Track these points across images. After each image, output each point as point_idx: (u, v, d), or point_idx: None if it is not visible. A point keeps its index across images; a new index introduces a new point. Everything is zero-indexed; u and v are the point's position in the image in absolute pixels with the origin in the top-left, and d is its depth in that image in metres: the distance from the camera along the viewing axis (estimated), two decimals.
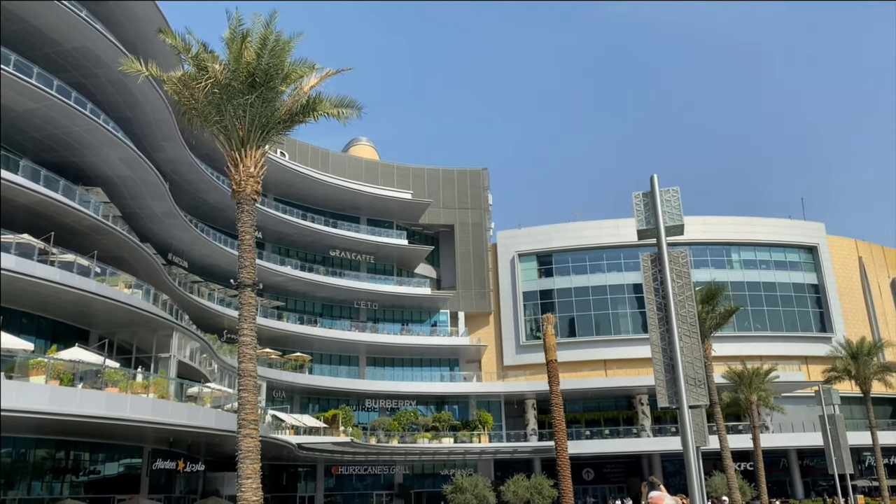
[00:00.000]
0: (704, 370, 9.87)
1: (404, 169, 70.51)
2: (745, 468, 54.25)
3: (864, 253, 78.53)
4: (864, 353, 53.41)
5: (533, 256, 72.05)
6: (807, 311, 70.95)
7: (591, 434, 61.34)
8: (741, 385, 46.93)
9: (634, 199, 10.84)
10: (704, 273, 65.24)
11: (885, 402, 69.34)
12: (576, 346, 66.51)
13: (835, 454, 25.97)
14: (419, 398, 64.07)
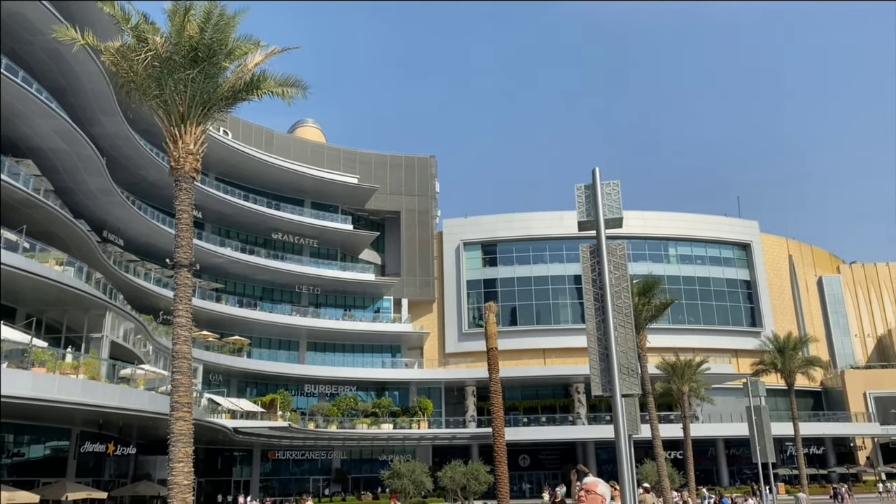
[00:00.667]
0: (638, 360, 10.11)
1: (351, 153, 69.84)
2: (675, 456, 56.02)
3: (794, 251, 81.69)
4: (790, 348, 55.65)
5: (478, 245, 72.47)
6: (738, 306, 73.46)
7: (529, 421, 62.34)
8: (674, 376, 48.28)
9: (576, 192, 10.98)
10: (642, 266, 66.78)
11: (808, 395, 72.59)
12: (517, 335, 67.34)
13: (759, 444, 27.05)
14: (360, 384, 63.92)
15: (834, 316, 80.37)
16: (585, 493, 5.06)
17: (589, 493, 5.04)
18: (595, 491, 5.04)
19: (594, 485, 5.09)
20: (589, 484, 5.11)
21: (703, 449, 62.53)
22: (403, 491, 39.46)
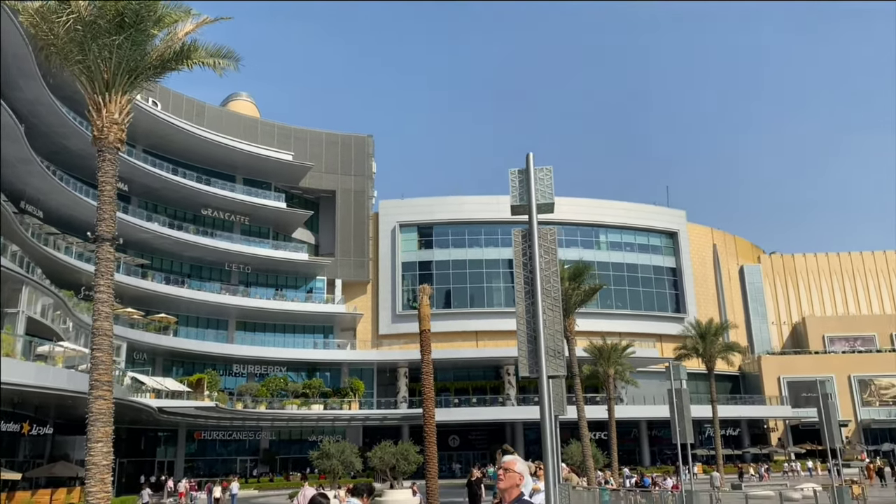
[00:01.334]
0: (564, 343, 10.32)
1: (286, 129, 68.48)
2: (600, 437, 57.63)
3: (719, 241, 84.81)
4: (712, 334, 57.99)
5: (414, 228, 72.39)
6: (664, 292, 75.89)
7: (460, 402, 63.01)
8: (600, 359, 49.59)
9: (510, 176, 11.05)
10: (574, 252, 68.07)
11: (727, 379, 75.77)
12: (450, 318, 67.79)
13: (679, 425, 28.08)
14: (291, 365, 63.23)
15: (753, 304, 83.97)
16: (504, 471, 5.11)
17: (507, 472, 5.09)
18: (513, 469, 5.08)
19: (512, 463, 5.14)
20: (507, 462, 5.17)
21: (626, 430, 64.56)
22: (332, 471, 39.34)
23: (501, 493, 5.06)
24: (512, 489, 5.03)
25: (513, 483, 5.05)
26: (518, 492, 5.06)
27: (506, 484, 5.05)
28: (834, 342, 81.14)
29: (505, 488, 5.04)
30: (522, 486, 8.94)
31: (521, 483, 5.10)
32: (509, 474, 5.03)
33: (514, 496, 5.02)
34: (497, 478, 5.13)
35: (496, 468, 5.22)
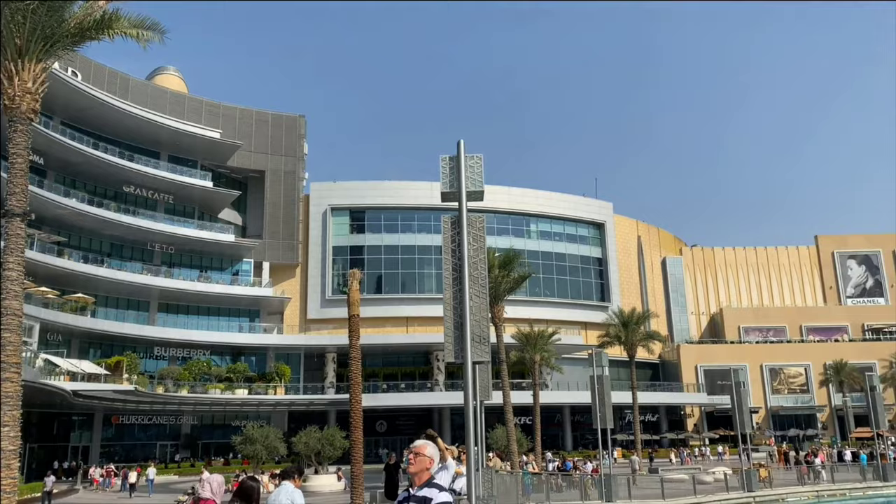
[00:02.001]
0: (491, 329, 10.44)
1: (214, 106, 66.50)
2: (525, 422, 58.80)
3: (643, 233, 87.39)
4: (634, 322, 59.86)
5: (346, 211, 71.66)
6: (590, 281, 77.78)
7: (388, 388, 63.03)
8: (527, 346, 50.47)
9: (441, 163, 11.04)
10: (505, 240, 68.83)
11: (647, 367, 78.38)
12: (381, 303, 67.60)
13: (600, 411, 28.93)
14: (215, 348, 61.82)
15: (674, 294, 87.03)
16: (414, 455, 5.12)
17: (417, 456, 5.11)
18: (423, 453, 5.10)
19: (422, 447, 5.15)
20: (417, 447, 5.17)
21: (550, 415, 65.99)
22: (256, 456, 38.84)
23: (412, 476, 5.08)
24: (422, 473, 5.05)
25: (423, 467, 5.07)
26: (428, 475, 5.07)
27: (416, 468, 5.07)
28: (748, 332, 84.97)
29: (415, 472, 5.06)
30: (442, 470, 9.03)
31: (431, 466, 5.12)
32: (419, 458, 5.05)
33: (425, 479, 5.03)
34: (408, 463, 5.13)
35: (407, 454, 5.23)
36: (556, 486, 29.91)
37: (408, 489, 5.14)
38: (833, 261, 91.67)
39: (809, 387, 78.58)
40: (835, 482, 37.23)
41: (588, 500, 28.05)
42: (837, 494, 35.97)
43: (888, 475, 37.93)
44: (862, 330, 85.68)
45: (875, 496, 36.45)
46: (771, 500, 33.59)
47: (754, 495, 32.83)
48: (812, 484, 36.81)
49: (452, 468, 11.64)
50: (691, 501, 30.91)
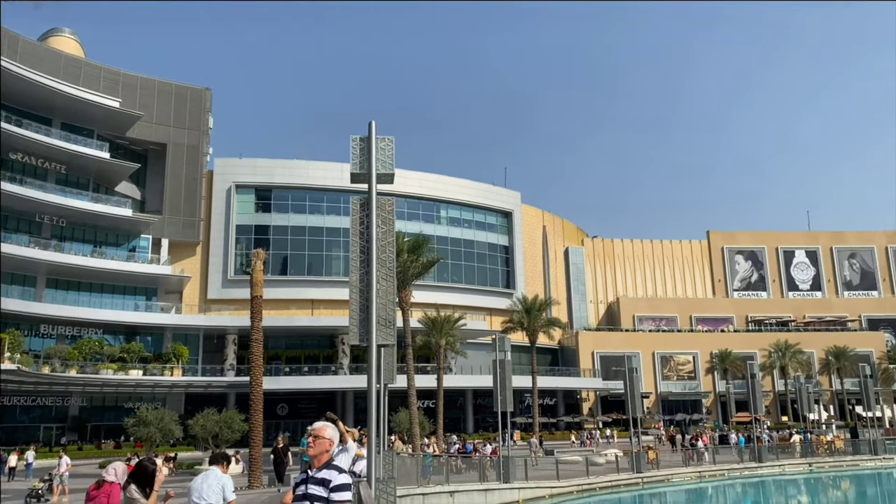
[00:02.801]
0: (398, 313, 10.48)
1: (114, 73, 63.05)
2: (428, 406, 59.40)
3: (548, 223, 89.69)
4: (536, 309, 61.46)
5: (252, 189, 69.74)
6: (496, 269, 79.23)
7: (291, 371, 62.12)
8: (433, 330, 50.95)
9: (352, 143, 10.97)
10: (415, 225, 69.03)
11: (547, 352, 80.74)
12: (286, 285, 66.39)
13: (501, 395, 29.63)
14: (108, 327, 58.98)
15: (575, 283, 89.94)
16: (313, 438, 5.14)
17: (317, 439, 5.13)
18: (323, 435, 5.14)
19: (322, 430, 5.18)
20: (317, 429, 5.19)
21: (453, 399, 66.95)
22: (150, 439, 37.45)
23: (312, 459, 5.09)
24: (322, 455, 5.08)
25: (322, 449, 5.10)
26: (328, 457, 5.11)
27: (316, 451, 5.09)
28: (642, 321, 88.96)
29: (315, 455, 5.08)
30: (342, 452, 9.04)
31: (330, 448, 5.16)
32: (319, 441, 5.09)
33: (324, 461, 5.07)
34: (307, 445, 5.15)
35: (307, 437, 5.24)
36: (456, 468, 30.43)
37: (306, 471, 5.14)
38: (722, 256, 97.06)
39: (696, 374, 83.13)
40: (716, 463, 39.71)
41: (487, 481, 28.70)
42: (718, 475, 38.40)
43: (763, 457, 40.78)
44: (746, 321, 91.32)
45: (751, 476, 39.14)
46: (657, 480, 35.45)
47: (642, 476, 34.54)
48: (695, 465, 39.12)
49: (352, 451, 11.68)
50: (584, 481, 32.21)
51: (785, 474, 40.71)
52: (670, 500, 34.05)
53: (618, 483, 33.38)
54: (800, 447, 45.22)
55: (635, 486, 33.80)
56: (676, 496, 34.65)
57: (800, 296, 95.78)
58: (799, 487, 38.92)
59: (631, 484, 33.77)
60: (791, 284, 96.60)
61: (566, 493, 30.70)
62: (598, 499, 31.61)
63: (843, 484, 40.06)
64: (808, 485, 39.64)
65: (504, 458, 29.11)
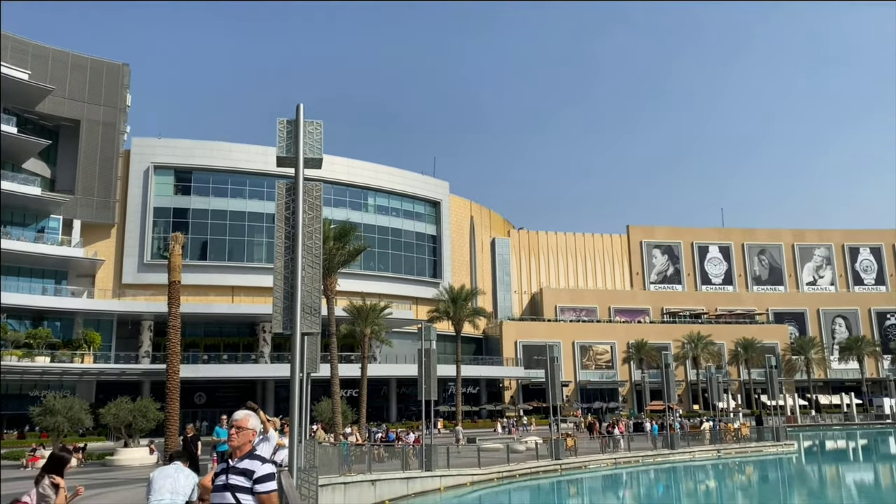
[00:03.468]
0: (323, 301, 10.29)
1: (22, 43, 59.47)
2: (352, 395, 59.07)
3: (476, 214, 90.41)
4: (462, 299, 61.89)
5: (171, 171, 67.30)
6: (424, 258, 79.33)
7: (210, 359, 60.59)
8: (359, 319, 50.61)
9: (279, 126, 10.69)
10: (342, 212, 68.29)
11: (472, 341, 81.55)
12: (206, 270, 64.54)
13: (426, 383, 29.71)
14: (12, 311, 55.74)
15: (500, 273, 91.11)
16: (237, 430, 5.03)
17: (241, 430, 5.03)
18: (246, 426, 5.04)
19: (245, 420, 5.07)
20: (240, 420, 5.06)
21: (377, 388, 66.79)
22: (57, 429, 35.73)
23: (234, 450, 5.00)
24: (245, 445, 5.01)
25: (246, 440, 5.03)
26: (250, 447, 5.05)
27: (240, 441, 5.02)
28: (564, 311, 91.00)
29: (239, 445, 5.00)
30: (263, 441, 8.82)
31: (253, 439, 5.09)
32: (243, 432, 5.01)
33: (246, 451, 5.00)
34: (229, 436, 5.03)
35: (227, 426, 5.10)
36: (378, 456, 30.38)
37: (227, 461, 5.03)
38: (641, 249, 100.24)
39: (614, 363, 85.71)
40: (631, 450, 41.09)
41: (409, 469, 28.78)
42: (632, 461, 39.74)
43: (675, 444, 42.45)
44: (661, 313, 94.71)
45: (663, 462, 40.69)
46: (575, 466, 36.41)
47: (561, 463, 35.41)
48: (611, 452, 40.38)
49: (274, 440, 11.46)
50: (505, 469, 32.74)
51: (695, 460, 42.51)
52: (587, 486, 35.02)
53: (537, 470, 34.10)
54: (709, 434, 47.30)
55: (554, 473, 34.60)
56: (593, 482, 35.67)
57: (712, 289, 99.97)
58: (707, 473, 40.71)
59: (550, 471, 34.55)
60: (704, 278, 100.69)
61: (487, 480, 31.15)
62: (518, 485, 32.22)
63: (748, 469, 42.15)
64: (716, 470, 41.53)
65: (427, 447, 29.24)
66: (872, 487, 37.58)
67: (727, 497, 33.39)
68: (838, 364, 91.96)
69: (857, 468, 47.26)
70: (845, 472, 44.02)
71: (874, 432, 70.03)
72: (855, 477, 41.58)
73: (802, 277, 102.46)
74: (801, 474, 42.45)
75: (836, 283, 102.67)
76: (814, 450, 57.87)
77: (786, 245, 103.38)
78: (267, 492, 4.78)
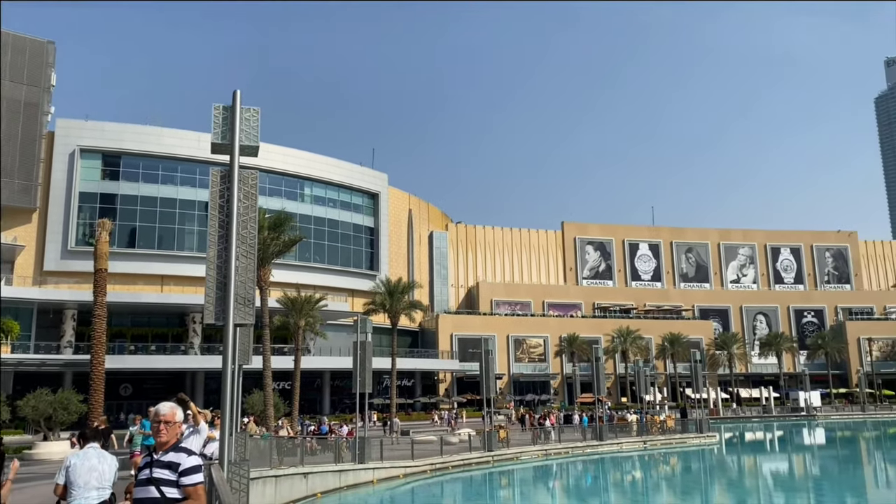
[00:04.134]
0: (256, 292, 10.12)
1: None
2: (284, 387, 58.28)
3: (414, 207, 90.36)
4: (399, 292, 61.78)
5: (98, 155, 64.81)
6: (361, 250, 78.84)
7: (137, 349, 58.79)
8: (293, 310, 49.91)
9: (214, 111, 10.43)
10: (278, 202, 67.12)
11: (408, 334, 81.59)
12: (134, 258, 62.51)
13: (360, 376, 29.61)
14: None
15: (438, 267, 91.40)
16: (165, 424, 4.94)
17: (169, 424, 4.96)
18: (174, 420, 4.99)
19: (172, 414, 5.00)
20: (167, 415, 4.97)
21: (311, 380, 66.06)
22: None
23: (162, 445, 4.92)
24: (172, 439, 4.95)
25: (174, 433, 5.00)
26: (175, 439, 4.99)
27: (168, 436, 4.97)
28: (499, 305, 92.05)
29: (166, 441, 4.92)
30: (194, 434, 8.69)
31: (180, 432, 5.03)
32: (171, 426, 4.96)
33: (172, 443, 4.93)
34: (155, 429, 4.94)
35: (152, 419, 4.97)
36: (311, 449, 30.12)
37: (151, 454, 4.95)
38: (575, 245, 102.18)
39: (546, 356, 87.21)
40: (561, 442, 41.96)
41: (342, 462, 28.64)
42: (563, 453, 40.60)
43: (603, 436, 43.56)
44: (593, 308, 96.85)
45: (592, 453, 41.73)
46: (507, 458, 36.95)
47: (493, 454, 35.88)
48: (543, 444, 41.14)
49: (204, 432, 11.25)
50: (438, 461, 32.96)
51: (623, 451, 43.74)
52: (518, 477, 35.59)
53: (470, 461, 34.46)
54: (636, 426, 48.70)
55: (486, 465, 35.04)
56: (524, 473, 36.26)
57: (642, 286, 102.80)
58: (634, 464, 41.95)
59: (482, 462, 34.97)
60: (634, 275, 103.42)
61: (420, 472, 31.29)
62: (451, 477, 32.49)
63: (672, 460, 43.64)
64: (643, 461, 42.84)
65: (360, 439, 29.16)
66: (786, 476, 39.51)
67: (652, 487, 34.48)
68: (758, 359, 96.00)
69: (772, 458, 49.60)
70: (762, 462, 46.12)
71: (789, 424, 73.51)
72: (770, 467, 43.61)
73: (727, 275, 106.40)
74: (721, 465, 44.23)
75: (759, 281, 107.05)
76: (734, 441, 60.32)
77: (712, 244, 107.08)
78: (193, 484, 4.71)
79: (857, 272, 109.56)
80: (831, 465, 43.81)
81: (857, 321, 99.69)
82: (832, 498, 31.03)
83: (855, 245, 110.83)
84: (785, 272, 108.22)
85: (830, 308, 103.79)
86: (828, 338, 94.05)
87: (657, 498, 30.80)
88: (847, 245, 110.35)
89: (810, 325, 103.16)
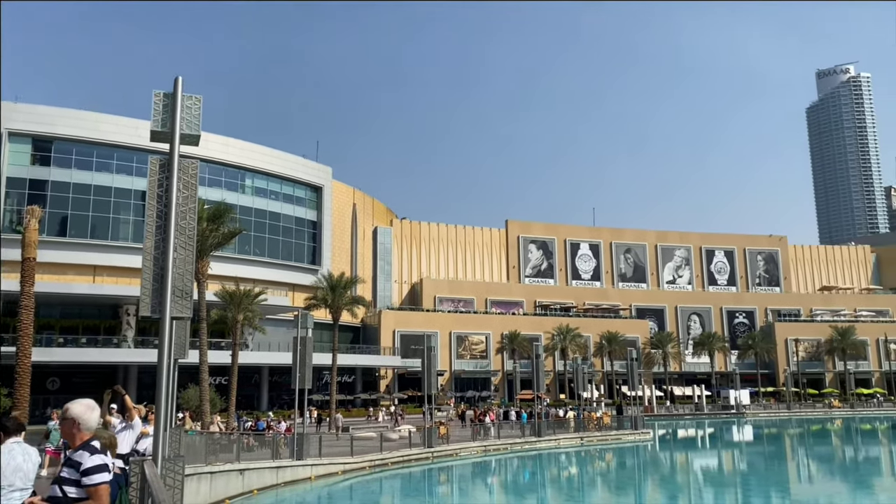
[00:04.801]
0: (194, 285, 9.87)
1: None
2: (221, 382, 57.08)
3: (359, 201, 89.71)
4: (342, 287, 61.24)
5: (28, 139, 62.15)
6: (303, 244, 77.84)
7: (66, 342, 56.64)
8: (231, 304, 48.93)
9: (154, 98, 10.13)
10: (217, 193, 65.64)
11: (350, 330, 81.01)
12: (65, 247, 60.18)
13: (300, 372, 29.29)
14: None
15: (381, 262, 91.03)
16: (61, 419, 4.84)
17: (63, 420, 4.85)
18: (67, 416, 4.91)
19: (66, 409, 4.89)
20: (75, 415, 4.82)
21: (248, 375, 64.95)
22: None
23: (68, 441, 4.86)
24: (81, 435, 4.85)
25: (69, 430, 4.92)
26: (82, 436, 4.89)
27: (63, 432, 5.01)
28: (443, 302, 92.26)
29: (65, 437, 5.03)
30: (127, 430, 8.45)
31: (76, 428, 4.85)
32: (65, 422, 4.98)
33: (81, 441, 4.78)
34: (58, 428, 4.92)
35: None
36: (248, 445, 29.62)
37: (65, 451, 4.85)
38: (518, 243, 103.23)
39: (488, 353, 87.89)
40: (500, 438, 42.37)
41: (280, 458, 28.26)
42: (502, 448, 41.01)
43: (542, 432, 44.19)
44: (534, 306, 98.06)
45: (530, 449, 42.29)
46: (447, 454, 37.12)
47: (433, 450, 35.98)
48: (482, 440, 41.46)
49: (138, 428, 10.95)
50: (377, 457, 32.87)
51: (560, 448, 44.49)
52: (457, 473, 35.79)
53: (409, 458, 34.47)
54: (573, 423, 49.59)
55: (426, 461, 35.10)
56: (462, 469, 36.49)
57: (582, 284, 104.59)
58: (571, 459, 42.71)
59: (422, 458, 35.02)
60: (575, 274, 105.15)
61: (359, 468, 31.15)
62: (390, 473, 32.45)
63: (608, 456, 44.59)
64: (579, 457, 43.66)
65: (298, 436, 28.83)
66: (715, 472, 40.86)
67: (588, 482, 35.18)
68: (692, 358, 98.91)
69: (702, 455, 51.22)
70: (693, 457, 47.60)
71: (720, 421, 76.07)
72: (700, 463, 45.03)
73: (663, 276, 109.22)
74: (654, 460, 45.43)
75: (693, 282, 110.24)
76: (667, 438, 62.05)
77: (650, 245, 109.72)
78: (94, 485, 4.51)
79: (787, 275, 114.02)
80: (757, 460, 45.54)
81: (785, 322, 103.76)
82: (757, 491, 32.26)
83: (785, 249, 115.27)
84: (719, 274, 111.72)
85: (761, 309, 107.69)
86: (758, 338, 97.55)
87: (592, 493, 31.44)
88: (778, 249, 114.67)
89: (741, 326, 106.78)
